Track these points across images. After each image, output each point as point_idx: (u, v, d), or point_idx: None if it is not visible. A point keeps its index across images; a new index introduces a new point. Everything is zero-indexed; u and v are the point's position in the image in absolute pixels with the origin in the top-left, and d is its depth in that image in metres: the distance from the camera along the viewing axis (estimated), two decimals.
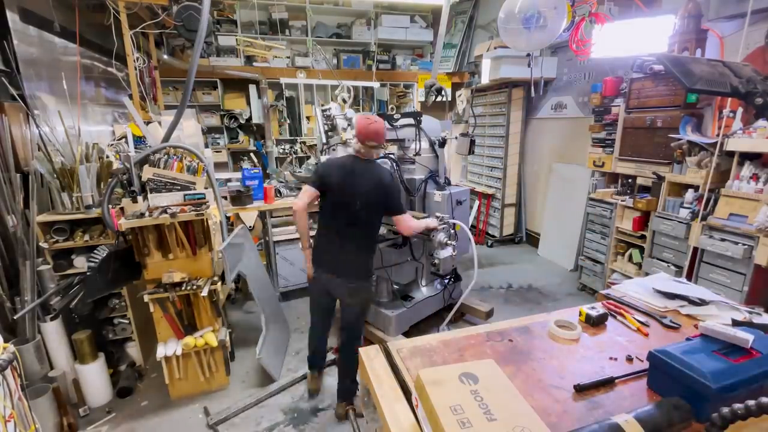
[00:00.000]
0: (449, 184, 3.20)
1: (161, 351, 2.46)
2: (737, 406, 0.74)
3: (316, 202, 2.32)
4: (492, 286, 4.21)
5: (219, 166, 5.75)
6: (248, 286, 2.83)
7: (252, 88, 5.72)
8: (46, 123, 2.66)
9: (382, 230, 2.91)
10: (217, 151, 5.74)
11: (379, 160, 2.53)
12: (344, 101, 3.84)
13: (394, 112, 2.90)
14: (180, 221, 2.39)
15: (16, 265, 2.39)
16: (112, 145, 2.92)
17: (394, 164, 2.76)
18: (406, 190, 2.94)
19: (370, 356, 1.19)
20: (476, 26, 6.21)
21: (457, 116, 6.23)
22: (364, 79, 6.15)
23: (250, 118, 5.92)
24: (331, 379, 2.76)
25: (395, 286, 3.20)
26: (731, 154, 2.62)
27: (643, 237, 3.30)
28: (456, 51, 6.31)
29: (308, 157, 5.48)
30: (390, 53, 6.52)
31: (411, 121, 2.99)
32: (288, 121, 6.03)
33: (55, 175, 2.41)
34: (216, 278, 2.58)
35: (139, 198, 2.43)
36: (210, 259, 2.59)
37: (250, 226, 3.90)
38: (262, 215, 3.69)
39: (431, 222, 2.46)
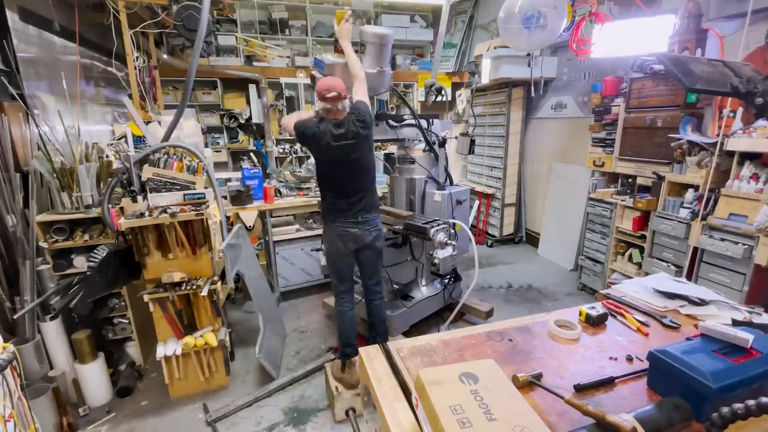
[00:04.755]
0: (451, 183, 3.20)
1: (161, 351, 2.46)
2: (737, 406, 0.74)
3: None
4: (492, 285, 4.21)
5: (219, 165, 5.75)
6: (247, 286, 2.84)
7: (252, 88, 5.72)
8: (45, 122, 2.65)
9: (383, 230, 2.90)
10: (216, 151, 5.74)
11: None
12: None
13: (395, 112, 2.92)
14: (180, 221, 2.39)
15: (15, 265, 2.39)
16: (111, 144, 2.93)
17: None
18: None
19: (370, 356, 1.19)
20: (476, 26, 6.21)
21: (457, 116, 6.23)
22: None
23: (249, 118, 5.92)
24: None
25: (395, 286, 3.20)
26: (731, 153, 2.62)
27: (643, 237, 3.30)
28: (456, 51, 6.31)
29: (308, 157, 5.48)
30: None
31: (412, 120, 2.99)
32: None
33: (54, 175, 2.40)
34: (216, 278, 2.58)
35: (139, 198, 2.43)
36: (210, 259, 2.59)
37: (249, 226, 3.90)
38: (262, 215, 3.69)
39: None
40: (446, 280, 3.32)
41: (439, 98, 3.23)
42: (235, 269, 2.62)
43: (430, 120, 3.06)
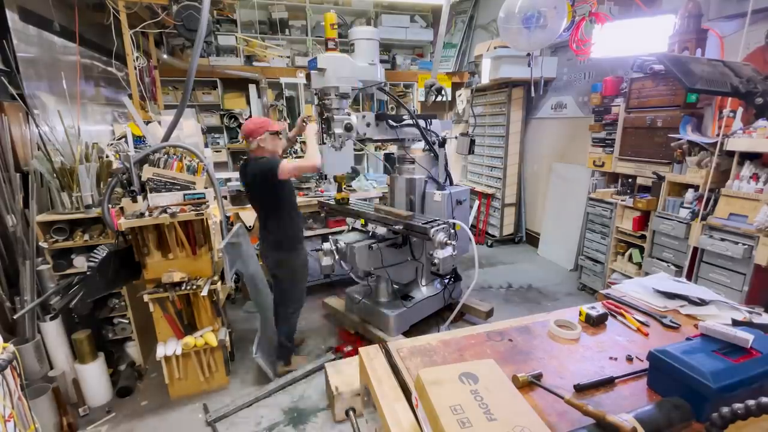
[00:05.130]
0: (451, 183, 3.19)
1: (161, 351, 2.46)
2: (737, 405, 0.74)
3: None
4: (492, 285, 4.21)
5: (219, 165, 5.75)
6: (246, 285, 2.83)
7: (252, 88, 5.72)
8: (45, 122, 2.66)
9: (382, 230, 2.91)
10: (216, 151, 5.74)
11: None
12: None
13: (394, 111, 2.92)
14: (180, 221, 2.39)
15: (15, 265, 2.39)
16: (111, 144, 2.93)
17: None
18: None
19: (370, 356, 1.19)
20: (476, 26, 6.21)
21: (457, 116, 6.23)
22: None
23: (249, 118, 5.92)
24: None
25: (395, 286, 3.20)
26: (731, 153, 2.62)
27: (643, 237, 3.30)
28: (456, 51, 6.31)
29: None
30: (390, 53, 6.52)
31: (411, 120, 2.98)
32: (288, 121, 6.03)
33: (54, 175, 2.40)
34: (216, 278, 2.58)
35: (139, 198, 2.43)
36: (210, 259, 2.59)
37: (249, 226, 3.89)
38: None
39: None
40: (446, 280, 3.32)
41: (439, 98, 3.23)
42: (235, 268, 2.62)
43: (428, 120, 3.05)
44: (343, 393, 2.31)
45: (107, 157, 2.65)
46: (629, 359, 1.13)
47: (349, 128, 2.54)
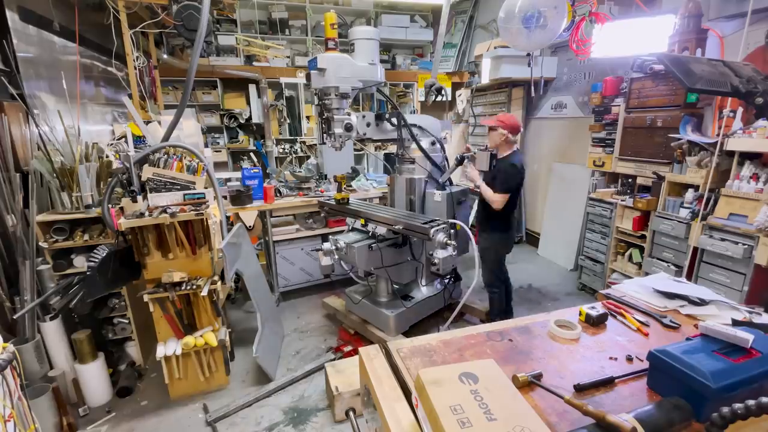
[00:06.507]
0: (451, 183, 3.20)
1: (161, 351, 2.46)
2: (737, 405, 0.74)
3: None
4: None
5: (219, 165, 5.74)
6: (246, 285, 2.83)
7: (252, 88, 5.72)
8: (45, 122, 2.66)
9: (382, 230, 2.91)
10: (216, 151, 5.74)
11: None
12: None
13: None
14: (180, 221, 2.39)
15: (15, 265, 2.39)
16: (111, 144, 2.92)
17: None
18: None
19: (370, 356, 1.19)
20: (476, 26, 6.21)
21: (457, 116, 6.24)
22: None
23: (249, 118, 5.92)
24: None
25: (395, 286, 3.20)
26: (731, 153, 2.62)
27: (643, 237, 3.30)
28: (456, 51, 6.31)
29: (308, 157, 5.49)
30: (390, 53, 6.52)
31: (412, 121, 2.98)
32: (288, 121, 6.03)
33: (54, 175, 2.40)
34: (216, 278, 2.58)
35: (139, 197, 2.43)
36: (210, 259, 2.59)
37: (249, 226, 3.90)
38: (261, 215, 3.69)
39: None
40: (446, 280, 3.31)
41: (439, 98, 3.23)
42: (234, 268, 2.62)
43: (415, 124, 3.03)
44: (343, 393, 2.31)
45: (107, 157, 2.65)
46: (629, 359, 1.13)
47: (349, 128, 2.54)
